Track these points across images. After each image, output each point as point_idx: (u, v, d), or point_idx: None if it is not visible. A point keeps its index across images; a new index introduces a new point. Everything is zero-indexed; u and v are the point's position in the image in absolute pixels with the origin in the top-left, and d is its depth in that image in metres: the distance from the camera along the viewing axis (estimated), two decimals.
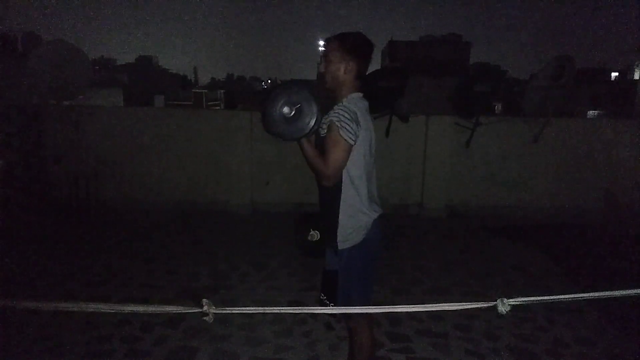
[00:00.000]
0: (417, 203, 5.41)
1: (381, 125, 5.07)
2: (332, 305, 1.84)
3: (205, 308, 1.08)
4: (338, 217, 1.75)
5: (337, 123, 1.64)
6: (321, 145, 1.74)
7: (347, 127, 1.64)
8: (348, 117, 1.65)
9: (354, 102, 1.75)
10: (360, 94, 1.82)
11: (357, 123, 1.67)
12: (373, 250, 1.83)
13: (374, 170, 1.86)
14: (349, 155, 1.68)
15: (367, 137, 1.75)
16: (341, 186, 1.73)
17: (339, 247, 1.76)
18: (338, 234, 1.75)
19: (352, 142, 1.66)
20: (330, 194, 1.74)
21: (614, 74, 41.08)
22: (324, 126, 1.71)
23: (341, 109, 1.67)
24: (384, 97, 5.11)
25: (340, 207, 1.74)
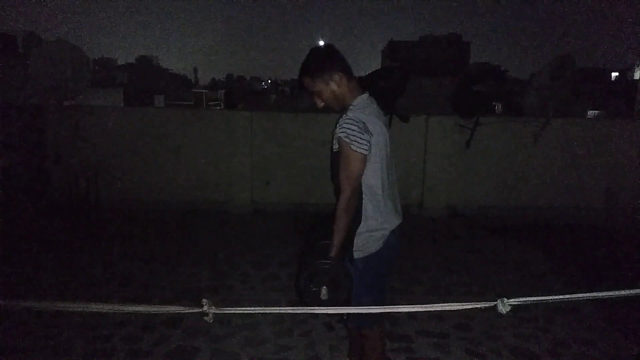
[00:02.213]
0: (417, 203, 5.41)
1: None
2: (344, 315, 1.81)
3: (205, 308, 1.08)
4: (357, 228, 1.70)
5: (345, 139, 1.58)
6: (333, 159, 1.70)
7: (357, 139, 1.58)
8: (355, 128, 1.58)
9: (360, 108, 1.67)
10: (366, 95, 1.74)
11: (367, 132, 1.60)
12: (388, 258, 1.80)
13: (394, 174, 1.81)
14: (364, 165, 1.62)
15: (382, 142, 1.68)
16: (362, 197, 1.69)
17: (355, 256, 1.72)
18: (355, 243, 1.71)
19: (366, 152, 1.60)
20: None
21: (614, 74, 41.11)
22: (335, 141, 1.66)
23: (347, 122, 1.60)
24: (384, 97, 5.11)
25: (362, 218, 1.70)
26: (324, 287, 1.63)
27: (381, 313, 1.90)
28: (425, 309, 1.11)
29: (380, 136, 1.67)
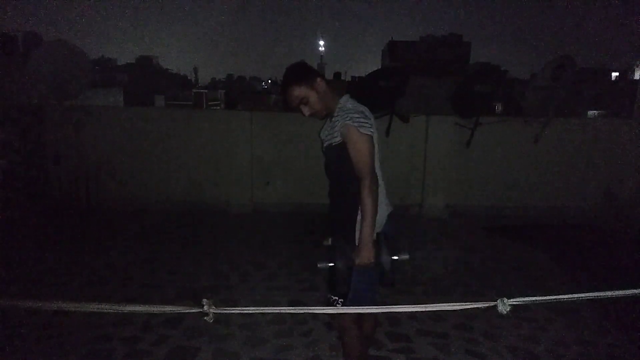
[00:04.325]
0: (417, 203, 5.41)
1: (381, 125, 5.07)
2: (338, 301, 1.82)
3: (205, 308, 1.08)
4: (357, 213, 1.75)
5: (353, 124, 1.68)
6: (333, 154, 1.77)
7: (364, 123, 1.69)
8: (358, 115, 1.70)
9: (350, 104, 1.79)
10: (347, 95, 1.86)
11: (368, 117, 1.73)
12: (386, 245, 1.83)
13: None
14: (374, 146, 1.73)
15: (375, 129, 1.80)
16: (356, 187, 1.74)
17: (357, 243, 1.76)
18: (356, 229, 1.75)
19: (372, 134, 1.72)
20: (350, 193, 1.74)
21: (615, 74, 41.08)
22: (336, 134, 1.73)
23: (350, 112, 1.71)
24: (384, 97, 5.12)
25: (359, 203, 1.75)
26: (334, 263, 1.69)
27: (374, 303, 1.91)
28: (425, 309, 1.11)
29: (374, 124, 1.80)
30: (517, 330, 2.76)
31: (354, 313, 1.91)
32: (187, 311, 1.10)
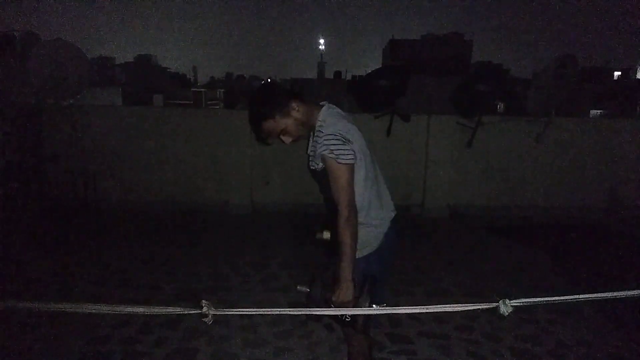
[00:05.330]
0: (418, 203, 5.39)
1: (382, 125, 5.05)
2: (346, 316, 1.73)
3: (204, 309, 1.06)
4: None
5: (329, 155, 1.55)
6: (318, 178, 1.69)
7: (342, 151, 1.55)
8: (337, 142, 1.55)
9: (329, 122, 1.63)
10: (325, 106, 1.69)
11: (348, 141, 1.58)
12: (389, 253, 1.82)
13: (379, 171, 1.81)
14: (353, 174, 1.60)
15: (362, 143, 1.67)
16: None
17: (356, 257, 1.69)
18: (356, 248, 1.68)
19: (353, 161, 1.58)
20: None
21: (617, 73, 40.98)
22: (317, 160, 1.63)
23: (327, 139, 1.56)
24: (385, 96, 5.10)
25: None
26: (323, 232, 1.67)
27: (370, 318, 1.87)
28: (426, 310, 1.09)
29: (359, 138, 1.66)
30: (519, 332, 2.74)
31: (362, 321, 1.87)
32: (186, 312, 1.08)
